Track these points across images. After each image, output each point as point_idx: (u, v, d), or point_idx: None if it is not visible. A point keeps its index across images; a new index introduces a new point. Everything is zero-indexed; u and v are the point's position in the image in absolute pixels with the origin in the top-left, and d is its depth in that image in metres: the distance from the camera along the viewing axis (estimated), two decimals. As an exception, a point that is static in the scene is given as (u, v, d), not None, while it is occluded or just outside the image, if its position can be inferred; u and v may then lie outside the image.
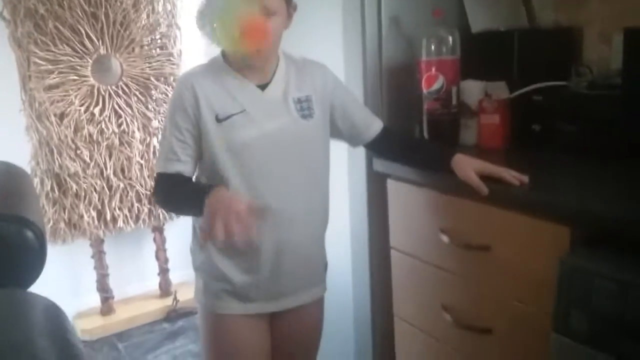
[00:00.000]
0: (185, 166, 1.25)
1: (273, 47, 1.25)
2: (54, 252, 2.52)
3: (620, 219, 1.00)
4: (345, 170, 1.62)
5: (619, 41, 1.35)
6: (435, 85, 1.49)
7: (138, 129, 2.62)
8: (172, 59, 2.67)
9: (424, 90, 1.50)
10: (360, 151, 1.56)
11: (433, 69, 1.48)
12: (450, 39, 1.48)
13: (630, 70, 1.28)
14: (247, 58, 1.21)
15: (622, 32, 1.32)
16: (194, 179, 1.29)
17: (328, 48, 1.64)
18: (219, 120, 1.22)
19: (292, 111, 1.25)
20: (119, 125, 2.58)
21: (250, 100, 1.23)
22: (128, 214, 2.66)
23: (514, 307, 1.21)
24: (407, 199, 1.47)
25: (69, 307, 2.65)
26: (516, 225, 1.18)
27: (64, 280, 2.66)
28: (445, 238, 1.33)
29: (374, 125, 1.38)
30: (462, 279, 1.33)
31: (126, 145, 2.60)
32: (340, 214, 1.67)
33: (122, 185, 2.61)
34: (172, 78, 2.67)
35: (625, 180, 1.21)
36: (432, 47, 1.48)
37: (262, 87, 1.25)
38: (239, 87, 1.24)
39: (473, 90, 1.54)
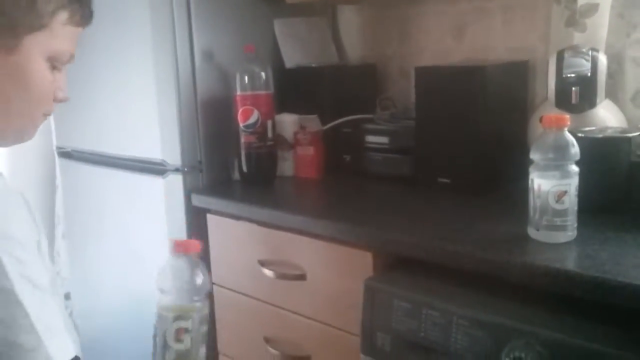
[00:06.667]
0: None
1: None
2: None
3: (411, 244, 1.09)
4: (163, 205, 1.57)
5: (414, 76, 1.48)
6: (251, 119, 1.51)
7: None
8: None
9: (240, 124, 1.51)
10: (178, 186, 1.52)
11: (247, 103, 1.50)
12: (263, 74, 1.52)
13: (421, 104, 1.41)
14: None
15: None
16: None
17: (140, 82, 1.59)
18: None
19: None
20: None
21: None
22: None
23: (329, 332, 1.24)
24: (226, 232, 1.46)
25: None
26: (327, 253, 1.23)
27: None
28: (264, 270, 1.34)
29: None
30: (282, 310, 1.35)
31: None
32: (160, 250, 1.60)
33: None
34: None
35: (416, 205, 1.34)
36: (246, 81, 1.51)
37: None
38: None
39: (288, 123, 1.59)
